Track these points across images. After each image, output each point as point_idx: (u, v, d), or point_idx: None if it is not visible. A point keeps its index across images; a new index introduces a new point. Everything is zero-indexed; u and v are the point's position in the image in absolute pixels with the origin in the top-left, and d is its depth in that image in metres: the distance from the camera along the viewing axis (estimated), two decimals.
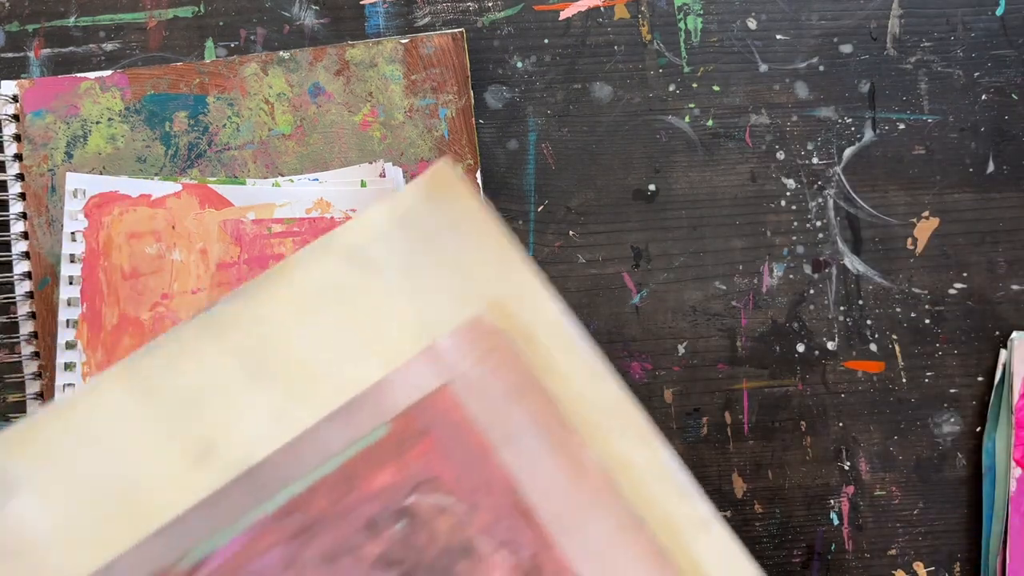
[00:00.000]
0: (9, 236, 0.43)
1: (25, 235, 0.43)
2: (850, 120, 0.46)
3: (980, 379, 0.45)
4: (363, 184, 0.44)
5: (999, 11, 0.46)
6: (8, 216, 0.43)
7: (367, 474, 0.24)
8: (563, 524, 0.25)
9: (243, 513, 0.24)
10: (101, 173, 0.43)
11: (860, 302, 0.46)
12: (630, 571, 0.25)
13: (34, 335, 0.42)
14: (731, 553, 0.26)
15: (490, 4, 0.44)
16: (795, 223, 0.46)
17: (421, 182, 0.27)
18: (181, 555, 0.23)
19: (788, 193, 0.46)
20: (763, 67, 0.46)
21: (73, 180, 0.42)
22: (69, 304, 0.42)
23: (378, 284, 0.27)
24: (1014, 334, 0.44)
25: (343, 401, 0.25)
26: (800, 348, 0.46)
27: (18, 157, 0.43)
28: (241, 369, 0.26)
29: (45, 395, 0.42)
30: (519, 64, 0.44)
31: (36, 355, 0.42)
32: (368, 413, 0.25)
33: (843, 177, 0.46)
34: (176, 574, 0.23)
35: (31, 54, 0.44)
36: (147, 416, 0.26)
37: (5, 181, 0.43)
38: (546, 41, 0.44)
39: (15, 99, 0.43)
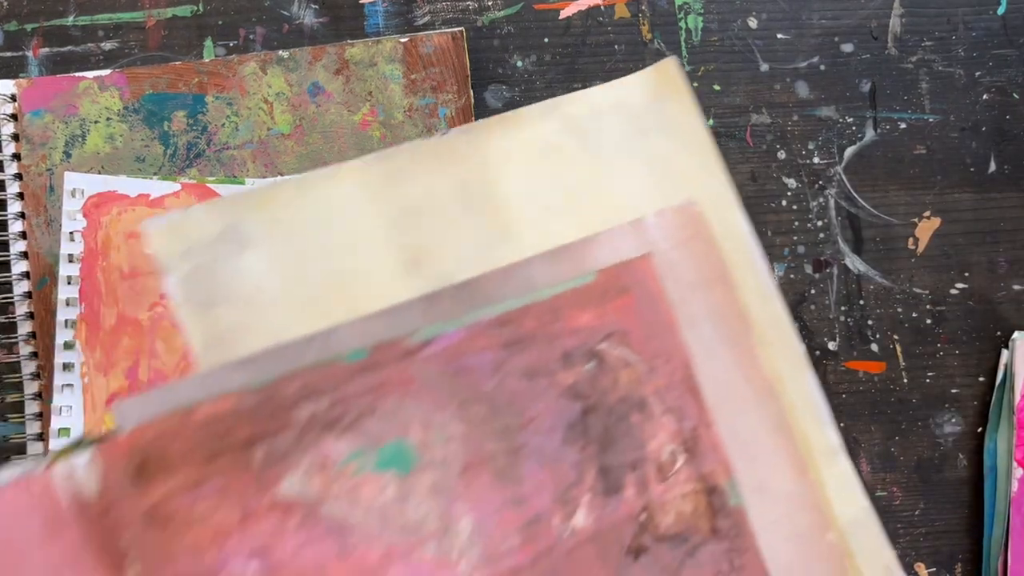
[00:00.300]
0: (7, 236, 0.42)
1: (23, 235, 0.43)
2: (851, 119, 0.46)
3: (981, 379, 0.45)
4: None
5: (1000, 10, 0.46)
6: (6, 216, 0.43)
7: (571, 311, 0.26)
8: (724, 409, 0.28)
9: (462, 314, 0.26)
10: (100, 173, 0.43)
11: (861, 302, 0.46)
12: (772, 470, 0.28)
13: (32, 335, 0.42)
14: (851, 484, 0.29)
15: (490, 3, 0.44)
16: (796, 223, 0.46)
17: (647, 76, 0.30)
18: (410, 332, 0.24)
19: (789, 193, 0.46)
20: (764, 66, 0.46)
21: (71, 180, 0.42)
22: (68, 304, 0.42)
23: (591, 155, 0.30)
24: (1015, 334, 0.44)
25: (548, 247, 0.28)
26: None
27: (16, 157, 0.43)
28: (460, 196, 0.29)
29: (44, 395, 0.42)
30: (519, 63, 0.44)
31: (34, 355, 0.42)
32: (575, 261, 0.27)
33: (844, 177, 0.46)
34: (407, 347, 0.24)
35: (29, 53, 0.44)
36: (371, 213, 0.28)
37: (3, 181, 0.43)
38: (546, 40, 0.44)
39: (13, 98, 0.43)
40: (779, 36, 0.47)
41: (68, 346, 0.41)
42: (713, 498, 0.27)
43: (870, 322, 0.46)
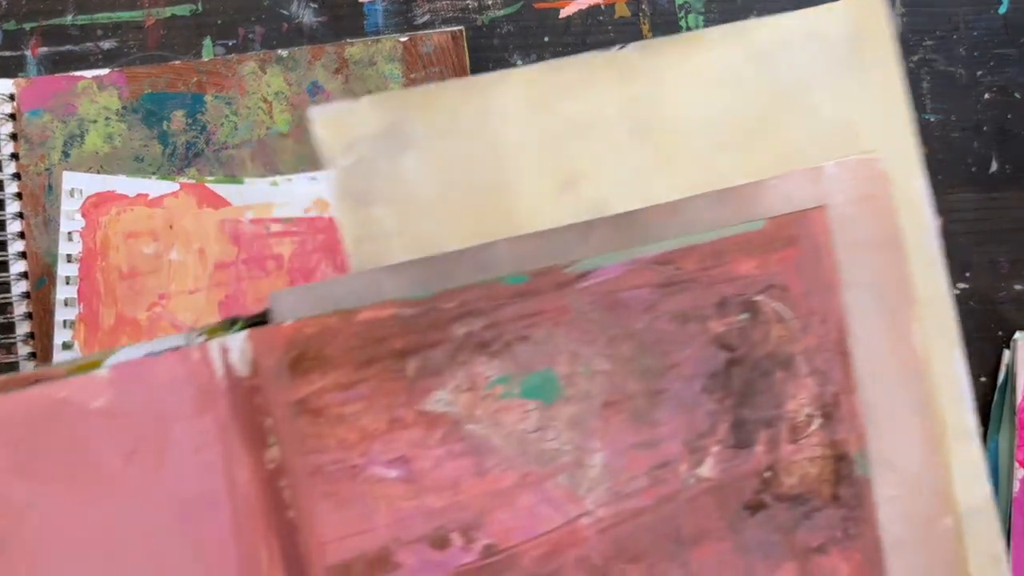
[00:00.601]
0: (6, 236, 0.42)
1: (22, 235, 0.42)
2: None
3: (983, 379, 0.44)
4: None
5: (1001, 9, 0.46)
6: (5, 216, 0.42)
7: (734, 258, 0.26)
8: (868, 379, 0.27)
9: (621, 247, 0.25)
10: (98, 172, 0.43)
11: None
12: (904, 448, 0.27)
13: (31, 336, 0.42)
14: (978, 471, 0.28)
15: (490, 2, 0.44)
16: None
17: (849, 6, 0.28)
18: (568, 261, 0.24)
19: None
20: None
21: (70, 179, 0.42)
22: (66, 304, 0.41)
23: (773, 89, 0.28)
24: (1017, 334, 0.43)
25: (713, 185, 0.26)
26: None
27: (15, 156, 0.43)
28: (627, 117, 0.27)
29: None
30: (519, 62, 0.44)
31: (33, 356, 0.42)
32: (744, 205, 0.26)
33: None
34: (565, 276, 0.24)
35: (28, 52, 0.44)
36: (533, 124, 0.28)
37: (2, 180, 0.43)
38: (546, 39, 0.44)
39: (12, 98, 0.43)
40: None
41: (67, 347, 0.41)
42: (840, 465, 0.27)
43: None
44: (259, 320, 0.24)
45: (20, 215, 0.43)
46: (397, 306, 0.23)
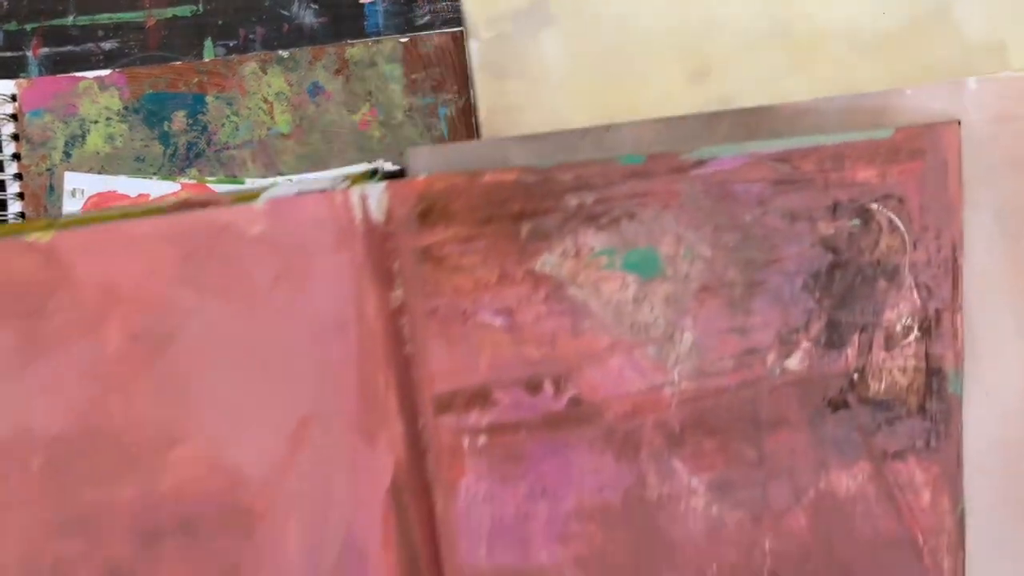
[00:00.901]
0: None
1: None
2: None
3: None
4: None
5: None
6: (6, 216, 0.41)
7: (855, 163, 0.25)
8: (978, 302, 0.27)
9: (741, 140, 0.25)
10: (100, 173, 0.42)
11: None
12: (1004, 376, 0.27)
13: None
14: None
15: None
16: None
17: None
18: (687, 148, 0.25)
19: None
20: None
21: (71, 180, 0.41)
22: None
23: None
24: None
25: (846, 91, 0.26)
26: None
27: (16, 157, 0.42)
28: (766, 16, 0.28)
29: None
30: None
31: None
32: (874, 112, 0.26)
33: None
34: (680, 162, 0.25)
35: (29, 53, 0.44)
36: (671, 14, 0.29)
37: (3, 181, 0.42)
38: None
39: (13, 98, 0.42)
40: None
41: None
42: (933, 379, 0.27)
43: None
44: (397, 174, 0.26)
45: (22, 215, 0.42)
46: (519, 173, 0.25)
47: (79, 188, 0.41)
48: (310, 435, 0.26)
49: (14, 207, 0.41)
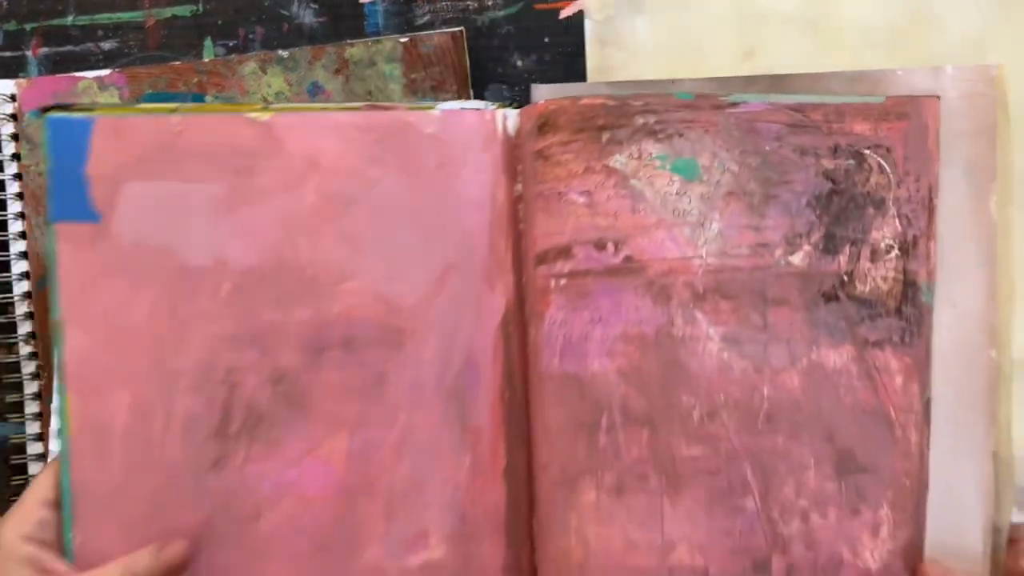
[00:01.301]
0: (7, 236, 0.41)
1: (23, 235, 0.41)
2: None
3: None
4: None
5: None
6: (6, 216, 0.41)
7: (853, 118, 0.34)
8: (948, 234, 0.34)
9: (768, 93, 0.35)
10: None
11: None
12: (968, 293, 0.34)
13: (32, 335, 0.41)
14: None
15: (490, 3, 0.43)
16: None
17: None
18: (727, 93, 0.34)
19: None
20: None
21: None
22: None
23: (922, 7, 0.37)
24: None
25: (856, 70, 0.35)
26: None
27: (16, 157, 0.41)
28: (802, 14, 0.37)
29: (43, 395, 0.41)
30: (519, 63, 0.43)
31: (34, 355, 0.41)
32: (872, 84, 0.35)
33: None
34: (720, 102, 0.34)
35: (29, 53, 0.43)
36: (731, 6, 0.38)
37: (3, 181, 0.41)
38: (546, 40, 0.43)
39: (13, 98, 0.42)
40: None
41: None
42: (909, 289, 0.34)
43: None
44: (523, 103, 0.36)
45: (22, 215, 0.41)
46: (604, 99, 0.34)
47: None
48: (450, 279, 0.35)
49: (14, 207, 0.41)
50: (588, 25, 0.39)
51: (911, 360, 0.34)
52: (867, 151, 0.34)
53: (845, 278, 0.34)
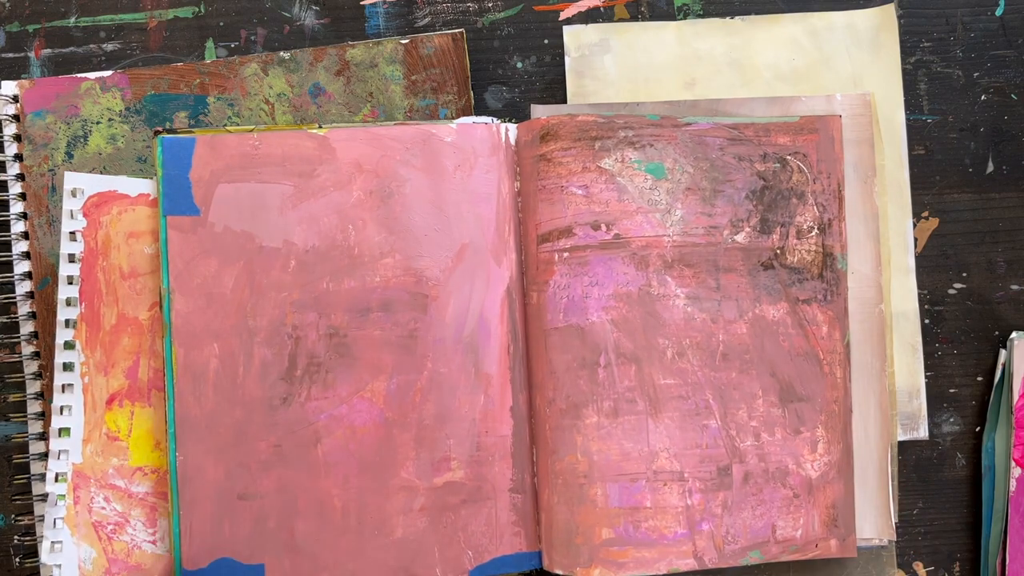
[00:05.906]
0: (10, 236, 0.42)
1: (26, 235, 0.42)
2: None
3: (979, 379, 0.45)
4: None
5: (999, 11, 0.46)
6: (9, 216, 0.42)
7: (776, 133, 0.44)
8: (850, 216, 0.44)
9: (711, 115, 0.44)
10: (101, 173, 0.42)
11: None
12: (863, 261, 0.44)
13: (34, 335, 0.42)
14: (911, 295, 0.46)
15: (490, 4, 0.44)
16: None
17: (873, 13, 0.46)
18: (681, 116, 0.43)
19: None
20: None
21: (71, 179, 0.41)
22: (68, 304, 0.41)
23: (818, 52, 0.46)
24: (1013, 334, 0.45)
25: (772, 96, 0.45)
26: None
27: (18, 157, 0.42)
28: (727, 57, 0.46)
29: (45, 395, 0.42)
30: (519, 64, 0.44)
31: (36, 355, 0.42)
32: (786, 107, 0.45)
33: None
34: (677, 122, 0.43)
35: (31, 54, 0.43)
36: (676, 52, 0.46)
37: (5, 181, 0.42)
38: (546, 41, 0.45)
39: (15, 99, 0.42)
40: None
41: (68, 346, 0.41)
42: (828, 259, 0.44)
43: None
44: (522, 106, 0.44)
45: (24, 216, 0.42)
46: (595, 117, 0.43)
47: (79, 188, 0.41)
48: (465, 256, 0.44)
49: (16, 207, 0.42)
50: (567, 61, 0.47)
51: (833, 313, 0.45)
52: (789, 157, 0.44)
53: (778, 251, 0.44)
